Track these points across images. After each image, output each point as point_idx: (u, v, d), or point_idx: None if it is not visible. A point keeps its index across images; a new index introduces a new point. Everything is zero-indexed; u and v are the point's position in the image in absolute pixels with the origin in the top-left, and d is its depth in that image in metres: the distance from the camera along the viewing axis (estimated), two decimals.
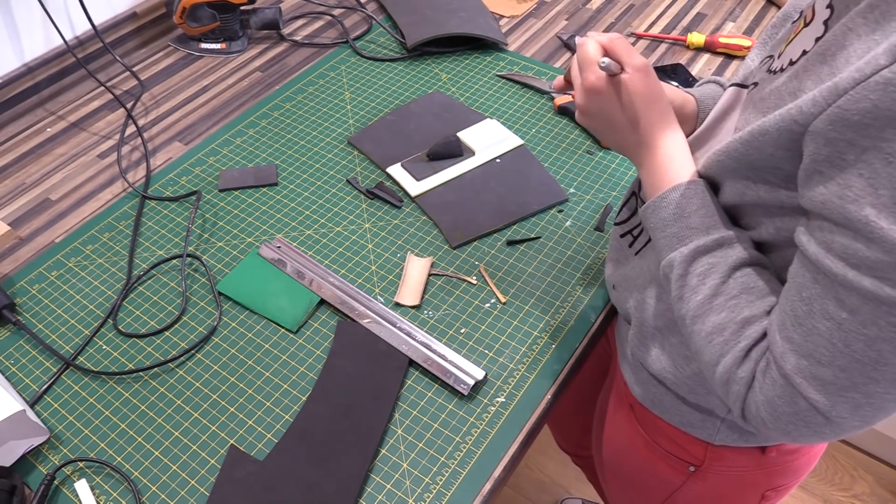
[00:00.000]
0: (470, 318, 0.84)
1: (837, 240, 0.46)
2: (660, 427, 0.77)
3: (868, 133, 0.42)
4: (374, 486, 0.70)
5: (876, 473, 1.68)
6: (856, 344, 0.47)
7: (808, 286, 0.49)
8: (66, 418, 0.76)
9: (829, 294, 0.47)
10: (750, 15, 1.30)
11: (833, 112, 0.44)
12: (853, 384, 0.48)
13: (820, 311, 0.48)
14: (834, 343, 0.48)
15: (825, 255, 0.47)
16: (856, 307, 0.46)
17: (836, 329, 0.47)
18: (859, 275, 0.45)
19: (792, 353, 0.50)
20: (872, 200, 0.43)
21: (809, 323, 0.49)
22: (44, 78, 1.13)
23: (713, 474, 0.77)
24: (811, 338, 0.49)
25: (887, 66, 0.41)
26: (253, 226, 0.95)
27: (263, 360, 0.80)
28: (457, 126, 1.07)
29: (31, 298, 0.87)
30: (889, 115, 0.41)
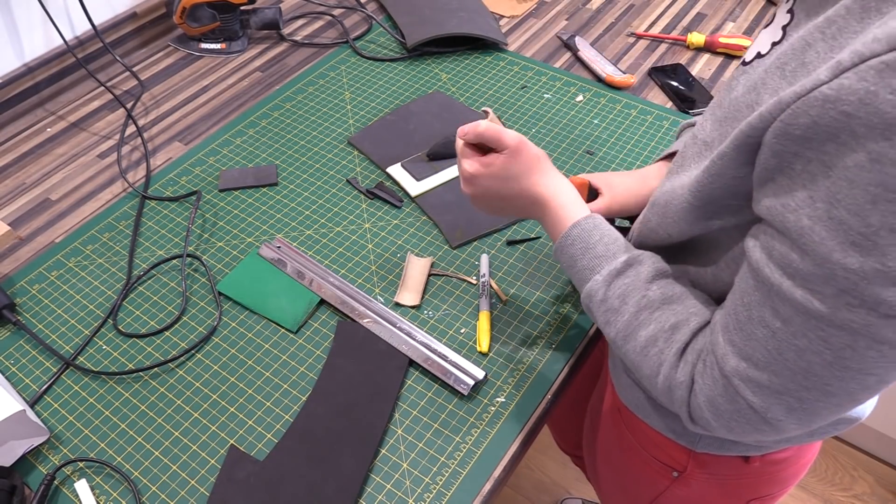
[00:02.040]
0: (470, 318, 0.84)
1: (777, 248, 0.47)
2: (644, 431, 0.78)
3: (811, 146, 0.42)
4: (374, 486, 0.70)
5: (876, 473, 1.68)
6: (787, 353, 0.48)
7: (749, 292, 0.50)
8: (66, 418, 0.76)
9: (766, 302, 0.48)
10: (750, 15, 1.30)
11: (777, 126, 0.44)
12: (786, 389, 0.49)
13: (758, 318, 0.49)
14: (769, 350, 0.49)
15: (766, 262, 0.48)
16: (788, 317, 0.47)
17: (770, 337, 0.49)
18: (793, 285, 0.46)
19: (733, 354, 0.52)
20: (809, 212, 0.43)
21: (748, 328, 0.50)
22: (44, 78, 1.13)
23: (696, 481, 0.78)
24: (750, 342, 0.50)
25: (826, 83, 0.40)
26: (253, 226, 0.95)
27: (263, 360, 0.80)
28: (457, 126, 1.07)
29: (31, 298, 0.87)
30: (828, 130, 0.41)
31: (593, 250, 0.63)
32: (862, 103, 0.39)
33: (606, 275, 0.61)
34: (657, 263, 0.61)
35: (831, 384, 0.47)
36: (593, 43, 1.25)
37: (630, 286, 0.60)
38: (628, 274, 0.61)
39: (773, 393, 0.50)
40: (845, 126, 0.40)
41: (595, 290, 0.62)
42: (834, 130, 0.41)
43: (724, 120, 0.54)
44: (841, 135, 0.40)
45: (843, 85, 0.39)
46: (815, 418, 0.50)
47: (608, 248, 0.63)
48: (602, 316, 0.62)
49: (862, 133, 0.39)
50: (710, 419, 0.55)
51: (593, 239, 0.63)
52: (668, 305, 0.58)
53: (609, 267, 0.61)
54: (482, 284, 0.86)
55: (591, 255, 0.63)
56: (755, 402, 0.51)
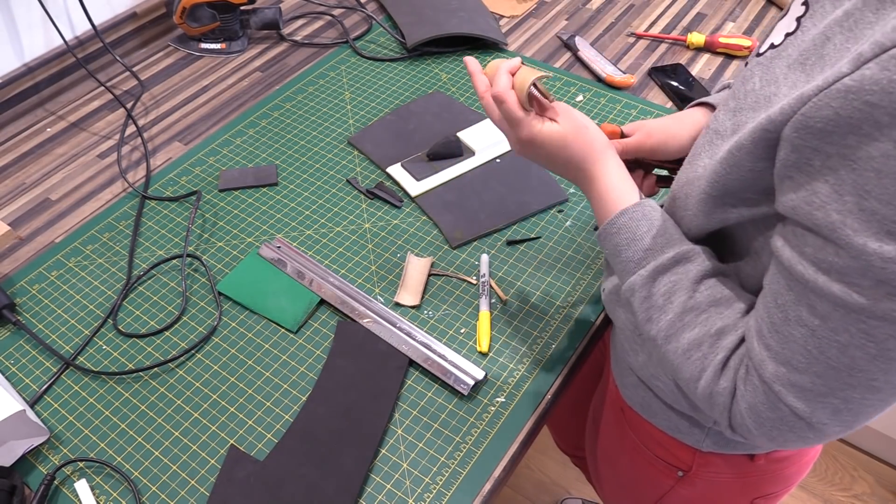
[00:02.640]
0: (470, 318, 0.84)
1: (809, 244, 0.46)
2: (649, 431, 0.77)
3: (831, 140, 0.42)
4: (374, 486, 0.70)
5: (876, 473, 1.68)
6: (829, 350, 0.47)
7: (782, 293, 0.49)
8: (66, 418, 0.76)
9: (802, 300, 0.48)
10: (750, 15, 1.30)
11: (798, 120, 0.44)
12: (830, 390, 0.48)
13: (794, 318, 0.48)
14: (809, 350, 0.48)
15: (798, 260, 0.47)
16: (827, 313, 0.46)
17: (809, 336, 0.48)
18: (829, 280, 0.45)
19: (770, 360, 0.50)
20: (838, 207, 0.43)
21: (785, 330, 0.49)
22: (44, 78, 1.13)
23: (701, 480, 0.77)
24: (787, 345, 0.49)
25: (848, 75, 0.41)
26: (253, 226, 0.95)
27: (263, 360, 0.80)
28: (457, 126, 1.07)
29: (31, 298, 0.87)
30: (850, 122, 0.41)
31: (640, 242, 0.60)
32: (885, 92, 0.39)
33: (652, 270, 0.59)
34: (706, 262, 0.58)
35: (877, 378, 0.46)
36: (593, 43, 1.25)
37: (676, 284, 0.58)
38: (676, 271, 0.58)
39: (818, 396, 0.49)
40: (868, 116, 0.40)
41: (639, 284, 0.59)
42: (856, 122, 0.41)
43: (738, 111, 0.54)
44: (864, 126, 0.40)
45: (866, 76, 0.40)
46: (859, 418, 0.49)
47: (656, 240, 0.59)
48: (644, 312, 0.60)
49: (886, 122, 0.40)
50: (751, 427, 0.53)
51: (641, 230, 0.60)
52: (715, 308, 0.56)
53: (655, 261, 0.59)
54: (482, 284, 0.86)
55: (637, 248, 0.60)
56: (799, 407, 0.50)
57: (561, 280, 0.87)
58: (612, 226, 0.62)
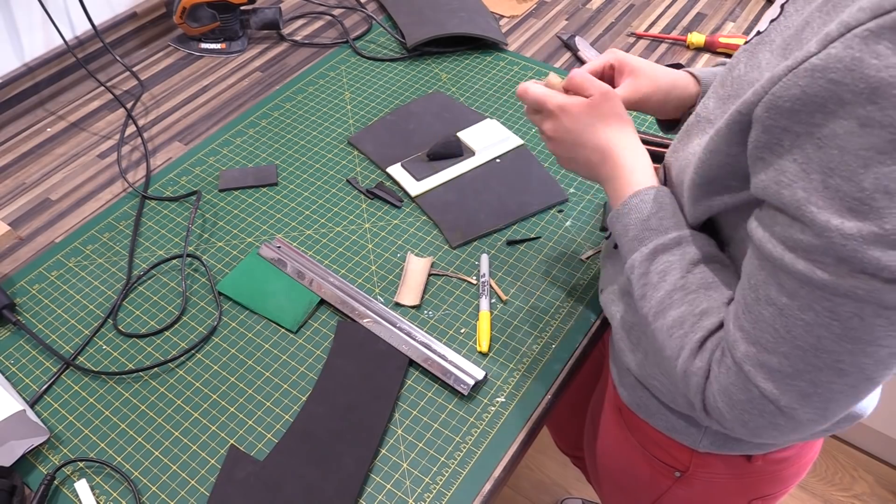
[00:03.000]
0: (470, 318, 0.84)
1: (778, 223, 0.47)
2: (646, 431, 0.77)
3: (799, 119, 0.43)
4: (374, 486, 0.70)
5: (876, 473, 1.68)
6: (795, 329, 0.47)
7: (755, 273, 0.50)
8: (66, 418, 0.76)
9: (771, 279, 0.48)
10: (750, 15, 1.30)
11: (767, 100, 0.45)
12: (797, 371, 0.49)
13: (764, 297, 0.49)
14: (777, 329, 0.49)
15: (768, 238, 0.48)
16: (794, 291, 0.47)
17: (777, 315, 0.48)
18: (795, 258, 0.46)
19: (742, 340, 0.51)
20: (804, 185, 0.44)
21: (756, 309, 0.50)
22: (44, 78, 1.13)
23: (698, 480, 0.77)
24: (758, 324, 0.50)
25: (815, 54, 0.42)
26: (253, 226, 0.95)
27: (263, 360, 0.80)
28: (457, 126, 1.07)
29: (31, 298, 0.87)
30: (817, 100, 0.42)
31: (647, 222, 0.61)
32: (847, 70, 0.40)
33: (652, 248, 0.60)
34: (707, 247, 0.59)
35: (843, 360, 0.47)
36: (593, 43, 1.25)
37: (672, 264, 0.59)
38: (674, 251, 0.59)
39: (785, 377, 0.49)
40: (833, 94, 0.41)
41: (638, 261, 0.61)
42: (821, 100, 0.42)
43: (726, 98, 0.55)
44: (828, 104, 0.41)
45: (831, 54, 0.41)
46: (830, 405, 0.50)
47: (662, 222, 0.60)
48: (640, 289, 0.61)
49: (849, 99, 0.40)
50: (724, 410, 0.54)
51: (650, 210, 0.61)
52: (704, 291, 0.57)
53: (657, 241, 0.60)
54: (482, 284, 0.86)
55: (643, 227, 0.61)
56: (767, 387, 0.50)
57: (561, 280, 0.87)
58: (624, 206, 0.63)
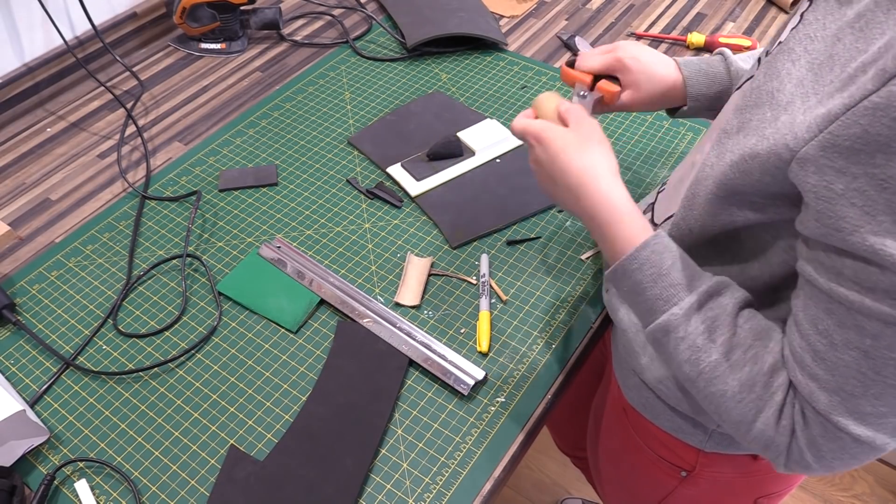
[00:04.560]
0: (470, 318, 0.84)
1: (847, 267, 0.45)
2: (652, 432, 0.77)
3: (858, 160, 0.42)
4: (374, 486, 0.70)
5: (876, 473, 1.68)
6: (886, 370, 0.46)
7: (822, 318, 0.48)
8: (66, 418, 0.76)
9: (847, 323, 0.46)
10: (750, 15, 1.30)
11: (824, 138, 0.43)
12: (891, 409, 0.47)
13: (841, 342, 0.47)
14: (863, 372, 0.46)
15: (837, 283, 0.46)
16: (878, 332, 0.45)
17: (863, 358, 0.46)
18: (877, 299, 0.44)
19: (820, 390, 0.49)
20: (873, 228, 0.42)
21: (832, 356, 0.47)
22: (44, 78, 1.13)
23: (704, 480, 0.77)
24: (837, 370, 0.47)
25: (875, 92, 0.40)
26: (253, 226, 0.95)
27: (263, 360, 0.80)
28: (457, 126, 1.07)
29: (31, 298, 0.87)
30: (879, 140, 0.41)
31: (667, 277, 0.55)
32: None
33: (688, 308, 0.54)
34: (737, 291, 0.56)
35: None
36: (593, 43, 1.25)
37: (716, 320, 0.54)
38: (711, 306, 0.54)
39: (879, 417, 0.47)
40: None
41: (673, 325, 0.55)
42: (885, 139, 0.40)
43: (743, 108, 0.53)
44: (893, 143, 0.40)
45: (893, 92, 0.39)
46: None
47: (683, 274, 0.55)
48: (681, 353, 0.55)
49: None
50: (811, 462, 0.51)
51: (666, 263, 0.56)
52: (761, 342, 0.53)
53: (690, 298, 0.55)
54: (482, 284, 0.86)
55: (664, 284, 0.55)
56: (861, 433, 0.48)
57: (561, 280, 0.87)
58: (634, 261, 0.57)
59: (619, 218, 0.58)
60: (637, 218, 0.59)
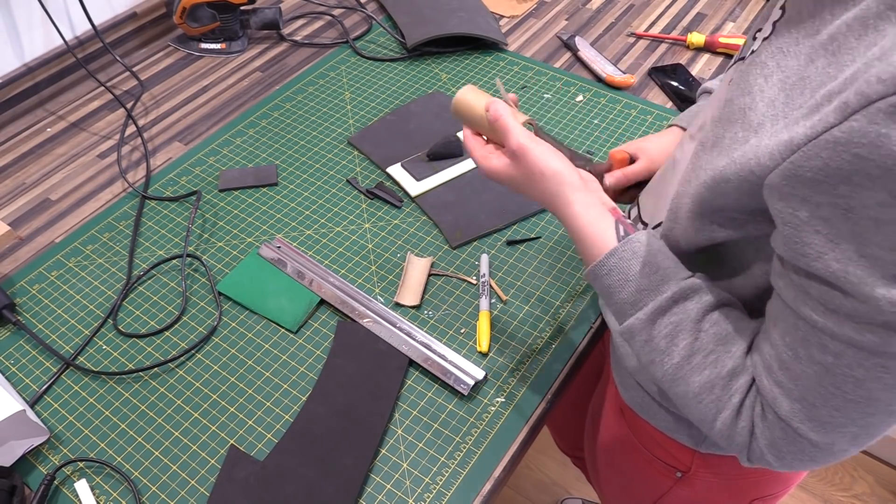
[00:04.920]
0: (470, 318, 0.84)
1: (814, 287, 0.46)
2: (648, 432, 0.77)
3: (821, 189, 0.42)
4: (374, 486, 0.70)
5: (876, 473, 1.68)
6: (845, 385, 0.47)
7: (790, 331, 0.49)
8: (66, 418, 0.76)
9: (812, 339, 0.47)
10: (750, 15, 1.30)
11: (786, 167, 0.43)
12: (850, 420, 0.48)
13: (805, 356, 0.48)
14: (824, 386, 0.48)
15: (804, 301, 0.47)
16: (840, 351, 0.46)
17: (824, 373, 0.47)
18: (840, 321, 0.45)
19: (784, 397, 0.50)
20: (837, 256, 0.43)
21: (797, 367, 0.49)
22: (44, 78, 1.13)
23: (700, 481, 0.77)
24: (801, 381, 0.49)
25: (836, 125, 0.40)
26: (253, 226, 0.95)
27: (263, 360, 0.80)
28: (457, 126, 1.07)
29: (31, 298, 0.87)
30: (840, 173, 0.40)
31: (633, 283, 0.57)
32: (874, 146, 0.39)
33: (651, 312, 0.56)
34: (705, 296, 0.56)
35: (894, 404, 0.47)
36: (593, 43, 1.25)
37: (678, 325, 0.55)
38: (675, 311, 0.55)
39: (837, 427, 0.49)
40: (858, 168, 0.40)
41: (637, 328, 0.57)
42: (846, 173, 0.40)
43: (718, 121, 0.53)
44: (854, 177, 0.40)
45: (854, 128, 0.39)
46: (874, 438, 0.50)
47: (651, 279, 0.56)
48: (646, 355, 0.57)
49: (877, 174, 0.39)
50: (771, 461, 0.53)
51: (633, 269, 0.57)
52: (722, 346, 0.54)
53: (654, 303, 0.56)
54: (482, 284, 0.86)
55: (630, 289, 0.57)
56: (818, 439, 0.49)
57: (561, 280, 0.87)
58: (602, 267, 0.59)
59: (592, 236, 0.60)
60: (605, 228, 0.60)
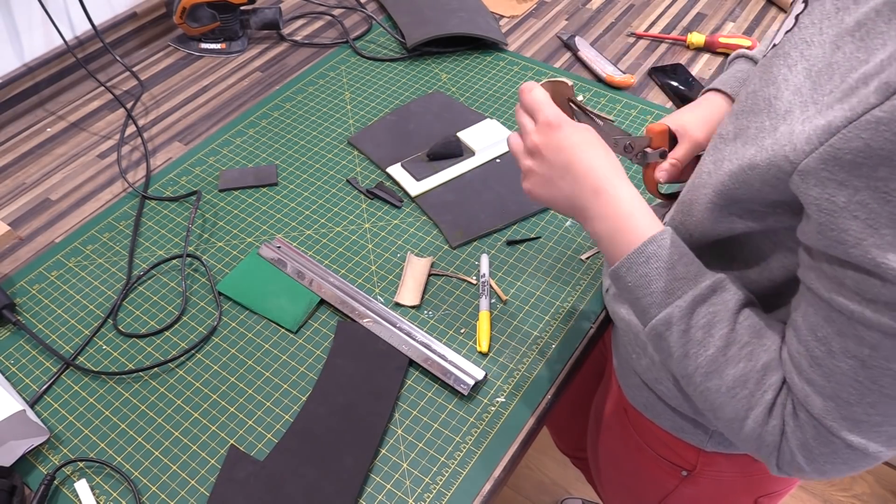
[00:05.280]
0: (470, 318, 0.84)
1: (849, 277, 0.45)
2: (653, 431, 0.77)
3: (861, 173, 0.41)
4: (374, 486, 0.70)
5: (876, 473, 1.68)
6: (882, 379, 0.46)
7: (822, 325, 0.48)
8: (66, 418, 0.76)
9: (847, 332, 0.46)
10: (750, 15, 1.30)
11: (825, 150, 0.43)
12: (886, 418, 0.47)
13: (840, 350, 0.47)
14: (860, 381, 0.46)
15: (838, 292, 0.46)
16: (877, 343, 0.45)
17: (860, 367, 0.46)
18: (877, 311, 0.44)
19: (816, 395, 0.49)
20: (876, 241, 0.42)
21: (830, 363, 0.48)
22: (44, 78, 1.13)
23: (705, 479, 0.77)
24: (834, 377, 0.48)
25: (878, 105, 0.40)
26: (253, 226, 0.95)
27: (263, 360, 0.80)
28: (457, 126, 1.07)
29: (31, 298, 0.87)
30: (882, 153, 0.40)
31: (673, 271, 0.55)
32: None
33: (691, 301, 0.54)
34: (739, 290, 0.55)
35: None
36: (593, 43, 1.25)
37: (716, 315, 0.54)
38: (713, 301, 0.54)
39: (873, 426, 0.48)
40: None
41: (676, 317, 0.55)
42: (888, 153, 0.40)
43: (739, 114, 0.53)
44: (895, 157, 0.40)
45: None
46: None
47: (688, 268, 0.55)
48: (680, 348, 0.55)
49: None
50: (802, 464, 0.51)
51: (673, 258, 0.55)
52: (758, 340, 0.53)
53: (693, 291, 0.54)
54: (482, 284, 0.86)
55: (669, 277, 0.55)
56: (854, 440, 0.48)
57: (561, 280, 0.87)
58: (641, 254, 0.56)
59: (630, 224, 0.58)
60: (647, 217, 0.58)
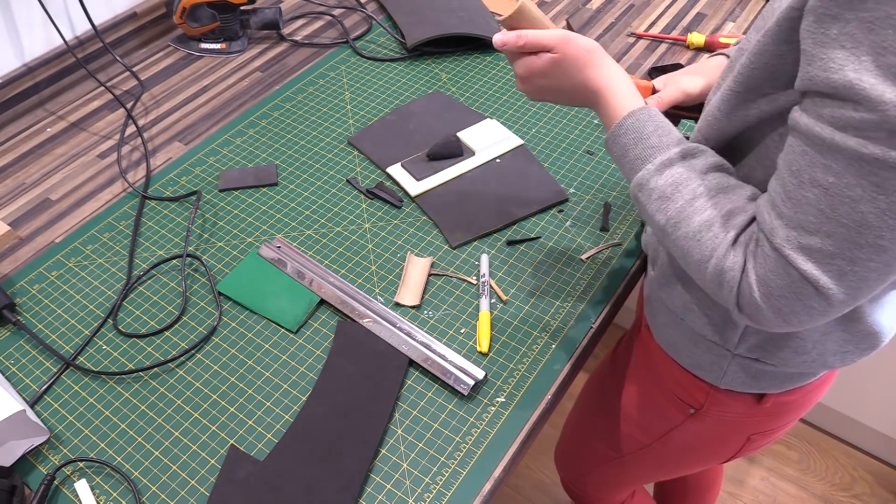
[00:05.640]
0: (470, 318, 0.84)
1: (827, 107, 0.49)
2: (671, 371, 0.82)
3: (851, 6, 0.45)
4: (374, 486, 0.70)
5: (876, 473, 1.68)
6: (841, 207, 0.49)
7: (797, 160, 0.52)
8: (66, 418, 0.76)
9: (817, 161, 0.50)
10: (750, 15, 1.30)
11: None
12: (839, 250, 0.50)
13: (809, 180, 0.51)
14: (821, 209, 0.50)
15: (815, 122, 0.50)
16: (841, 170, 0.48)
17: (823, 194, 0.50)
18: (846, 136, 0.48)
19: (782, 226, 0.53)
20: (855, 66, 0.46)
21: (799, 194, 0.51)
22: (44, 78, 1.13)
23: (710, 418, 0.82)
24: (801, 208, 0.51)
25: None
26: (253, 226, 0.95)
27: (263, 360, 0.80)
28: (457, 126, 1.07)
29: (31, 298, 0.87)
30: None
31: (647, 141, 0.63)
32: None
33: (659, 164, 0.61)
34: (711, 157, 0.61)
35: (883, 236, 0.49)
36: None
37: (683, 175, 0.60)
38: (682, 164, 0.61)
39: (826, 256, 0.51)
40: None
41: (646, 178, 0.62)
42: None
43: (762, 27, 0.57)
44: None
45: None
46: (862, 284, 0.51)
47: (662, 139, 0.63)
48: (652, 204, 0.62)
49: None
50: (759, 300, 0.55)
51: (647, 129, 0.64)
52: (724, 194, 0.59)
53: (662, 157, 0.62)
54: (482, 284, 0.86)
55: (643, 146, 0.63)
56: (807, 268, 0.51)
57: (561, 280, 0.87)
58: (620, 128, 0.65)
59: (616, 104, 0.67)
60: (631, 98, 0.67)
